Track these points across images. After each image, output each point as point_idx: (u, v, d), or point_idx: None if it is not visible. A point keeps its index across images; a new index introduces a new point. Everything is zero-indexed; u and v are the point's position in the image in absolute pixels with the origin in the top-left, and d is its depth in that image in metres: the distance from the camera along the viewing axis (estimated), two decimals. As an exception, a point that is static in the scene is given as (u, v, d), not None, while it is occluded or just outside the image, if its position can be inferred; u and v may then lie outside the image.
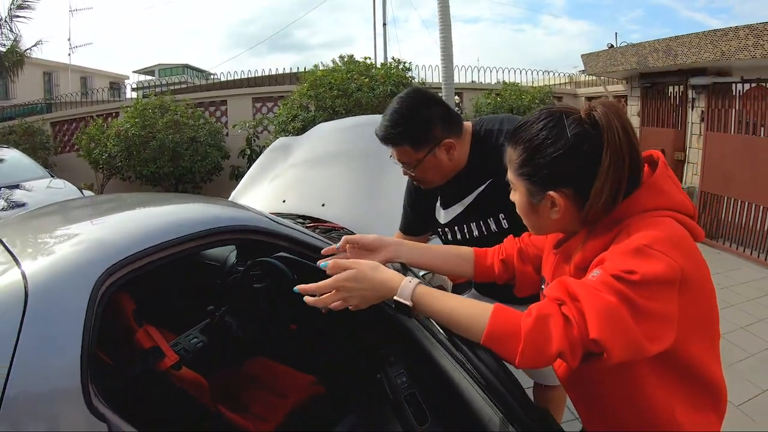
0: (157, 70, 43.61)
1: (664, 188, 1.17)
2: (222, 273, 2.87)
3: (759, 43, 6.68)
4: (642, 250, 1.03)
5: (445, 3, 10.00)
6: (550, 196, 1.18)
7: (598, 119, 1.13)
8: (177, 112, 9.37)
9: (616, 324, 0.97)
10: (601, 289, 1.00)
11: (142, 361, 1.77)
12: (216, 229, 1.85)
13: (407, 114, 1.91)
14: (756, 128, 7.51)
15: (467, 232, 2.12)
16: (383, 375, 2.01)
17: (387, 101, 8.58)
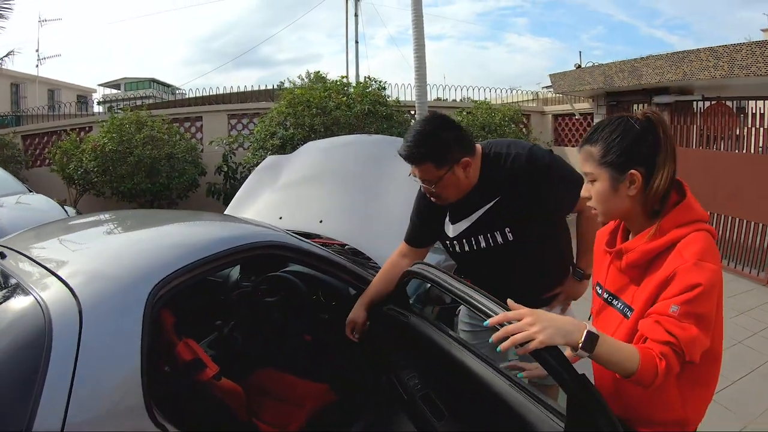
0: (123, 83, 42.60)
1: (694, 206, 1.57)
2: (226, 289, 2.97)
3: (718, 64, 7.05)
4: (699, 264, 1.42)
5: (419, 24, 10.17)
6: (631, 174, 1.53)
7: (653, 118, 1.56)
8: (154, 127, 9.32)
9: (698, 345, 1.40)
10: (685, 323, 1.39)
11: (187, 372, 1.88)
12: (249, 244, 2.00)
13: (430, 135, 2.12)
14: (716, 142, 7.94)
15: (475, 244, 2.28)
16: (395, 378, 2.14)
17: (364, 120, 8.80)
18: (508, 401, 1.70)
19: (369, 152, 3.61)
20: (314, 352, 2.72)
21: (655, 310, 1.45)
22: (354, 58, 23.12)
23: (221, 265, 1.94)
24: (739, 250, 7.58)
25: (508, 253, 2.23)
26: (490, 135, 9.94)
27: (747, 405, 3.89)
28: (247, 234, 2.13)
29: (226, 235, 2.05)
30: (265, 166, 3.84)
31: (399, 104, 10.42)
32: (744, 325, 5.57)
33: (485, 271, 2.35)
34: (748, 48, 6.80)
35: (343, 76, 10.13)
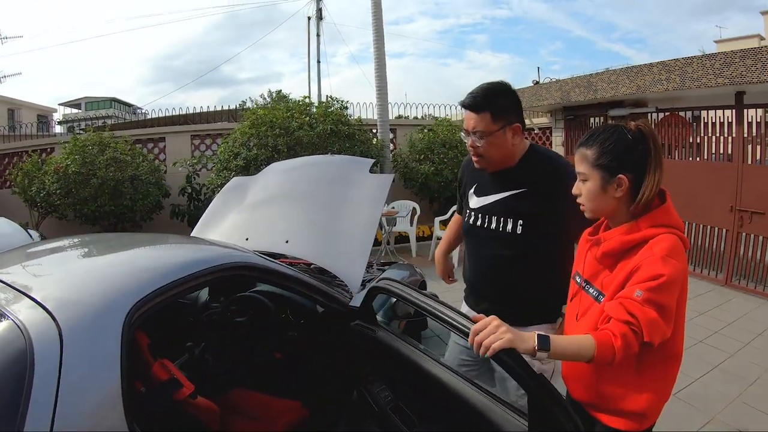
0: (84, 103, 41.95)
1: (672, 212, 1.75)
2: (195, 310, 2.97)
3: (671, 77, 7.28)
4: (665, 259, 1.58)
5: (380, 44, 10.32)
6: (620, 178, 1.72)
7: (644, 130, 1.73)
8: (117, 149, 9.16)
9: (657, 328, 1.55)
10: (646, 307, 1.54)
11: (164, 391, 1.91)
12: (220, 266, 2.02)
13: (498, 90, 2.27)
14: (670, 151, 8.21)
15: (486, 223, 2.39)
16: (365, 392, 2.20)
17: (327, 140, 8.83)
18: (474, 405, 1.82)
19: (332, 172, 3.66)
20: (285, 369, 2.76)
21: (621, 294, 1.60)
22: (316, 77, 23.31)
23: (193, 286, 1.95)
24: (698, 253, 7.89)
25: (509, 245, 2.31)
26: (450, 151, 10.07)
27: (710, 401, 4.02)
28: (216, 256, 2.15)
29: (196, 257, 2.06)
30: (230, 188, 3.85)
31: (361, 123, 10.47)
32: (705, 324, 5.77)
33: (482, 252, 2.47)
34: (698, 61, 7.04)
35: (305, 96, 10.15)
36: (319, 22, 23.33)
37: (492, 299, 2.44)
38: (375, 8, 10.33)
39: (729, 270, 7.42)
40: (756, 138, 7.13)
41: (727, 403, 4.01)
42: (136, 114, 23.08)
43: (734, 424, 3.71)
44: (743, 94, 7.15)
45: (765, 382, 4.38)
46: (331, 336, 2.60)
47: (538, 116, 12.18)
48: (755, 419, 3.78)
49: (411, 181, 10.38)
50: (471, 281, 2.59)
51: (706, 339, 5.36)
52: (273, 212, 3.42)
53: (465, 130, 2.33)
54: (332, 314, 2.54)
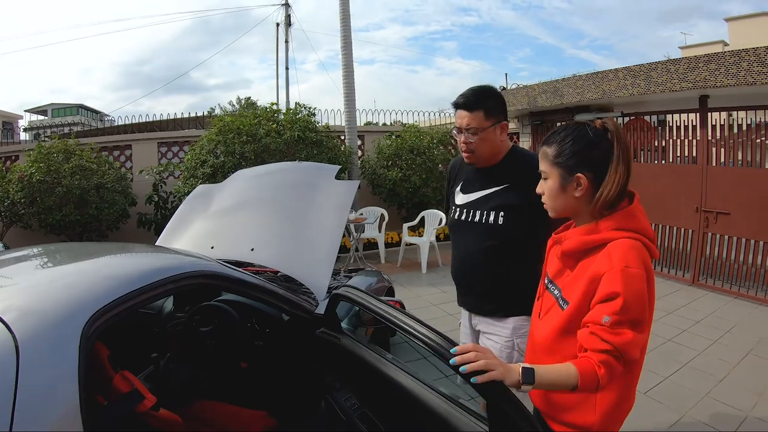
0: (50, 109, 41.47)
1: (637, 216, 1.67)
2: (160, 321, 2.92)
3: (635, 82, 7.41)
4: (624, 271, 1.52)
5: (348, 51, 10.30)
6: (578, 177, 1.67)
7: (608, 128, 1.67)
8: (82, 156, 8.93)
9: (634, 346, 1.51)
10: (617, 329, 1.49)
11: (124, 404, 1.85)
12: (181, 275, 1.97)
13: (488, 92, 2.46)
14: (636, 154, 8.34)
15: (471, 217, 2.54)
16: (332, 400, 2.18)
17: (294, 146, 8.77)
18: (437, 412, 1.80)
19: (298, 179, 3.65)
20: (251, 379, 2.73)
21: (590, 320, 1.55)
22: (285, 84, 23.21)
23: (154, 296, 1.89)
24: (665, 253, 8.01)
25: (490, 235, 2.45)
26: (418, 157, 10.09)
27: (680, 398, 4.06)
28: (178, 264, 2.09)
29: (157, 266, 2.00)
30: (195, 195, 3.80)
31: (328, 130, 10.44)
32: (673, 323, 5.86)
33: (465, 243, 2.59)
34: (663, 66, 7.18)
35: (273, 102, 10.02)
36: (288, 28, 23.24)
37: (475, 290, 2.57)
38: (343, 15, 10.34)
39: (696, 269, 7.56)
40: (720, 141, 7.26)
41: (697, 400, 4.05)
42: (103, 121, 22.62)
43: (704, 420, 3.75)
44: (707, 98, 7.29)
45: (734, 378, 4.44)
46: (296, 344, 2.58)
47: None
48: (725, 415, 3.81)
49: (379, 187, 10.40)
50: (456, 274, 2.69)
51: (675, 337, 5.42)
52: (239, 220, 3.39)
53: (457, 128, 2.49)
54: (297, 322, 2.52)
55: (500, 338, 2.44)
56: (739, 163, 7.13)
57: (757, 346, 5.17)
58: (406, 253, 9.30)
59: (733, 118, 7.29)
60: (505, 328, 2.44)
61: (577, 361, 1.52)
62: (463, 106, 2.44)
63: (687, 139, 7.72)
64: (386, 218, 9.71)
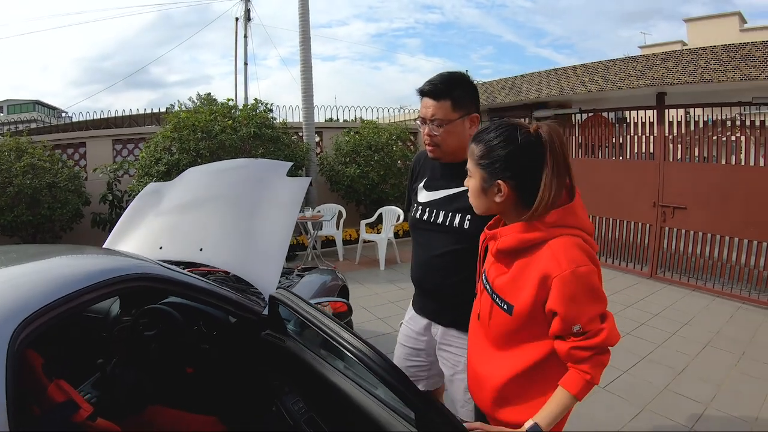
0: (6, 106, 40.54)
1: (577, 212, 1.61)
2: (106, 325, 2.80)
3: (593, 79, 7.47)
4: (575, 273, 1.48)
5: (306, 47, 10.20)
6: (498, 183, 1.59)
7: (542, 134, 1.55)
8: (34, 155, 8.56)
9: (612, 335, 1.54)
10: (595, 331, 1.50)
11: (58, 415, 1.75)
12: (117, 278, 1.86)
13: (458, 79, 2.23)
14: (594, 151, 8.42)
15: (434, 217, 2.31)
16: (280, 404, 2.12)
17: (250, 143, 8.61)
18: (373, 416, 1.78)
19: (249, 176, 3.54)
20: (199, 383, 2.63)
21: (561, 332, 1.53)
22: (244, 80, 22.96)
23: (89, 300, 1.77)
24: (622, 248, 8.13)
25: (456, 240, 2.23)
26: (376, 154, 10.01)
27: (640, 392, 4.07)
28: (115, 267, 1.98)
29: (93, 270, 1.88)
30: (145, 194, 3.65)
31: (286, 126, 10.25)
32: (631, 317, 5.91)
33: (428, 246, 2.36)
34: (621, 63, 7.25)
35: (229, 98, 9.80)
36: (247, 23, 22.91)
37: (437, 297, 2.36)
38: (302, 9, 10.22)
39: (654, 263, 7.68)
40: (677, 137, 7.37)
41: (657, 393, 4.06)
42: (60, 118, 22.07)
43: (664, 413, 3.75)
44: (664, 95, 7.40)
45: (693, 370, 4.48)
46: (244, 347, 2.49)
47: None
48: (685, 407, 3.82)
49: (337, 184, 10.29)
50: (416, 278, 2.48)
51: (634, 331, 5.46)
52: (188, 219, 3.27)
53: (422, 118, 2.26)
54: (245, 324, 2.43)
55: (463, 351, 2.19)
56: (696, 159, 7.22)
57: (715, 338, 5.24)
58: (364, 250, 9.21)
59: (690, 116, 7.39)
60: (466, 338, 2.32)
61: (565, 381, 1.53)
62: (428, 93, 2.20)
63: (645, 136, 7.81)
64: (344, 215, 9.63)
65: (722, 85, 6.33)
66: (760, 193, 6.34)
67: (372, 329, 5.62)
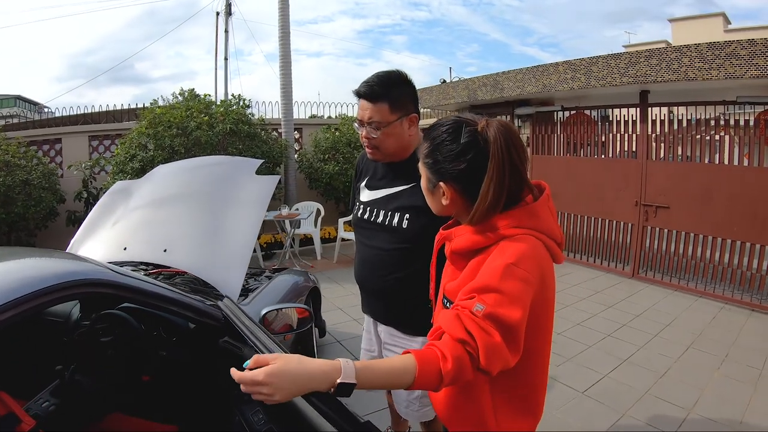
0: None
1: (540, 214, 1.43)
2: (67, 329, 2.70)
3: (575, 76, 7.40)
4: (509, 268, 1.28)
5: (285, 42, 10.11)
6: (441, 186, 1.46)
7: (487, 135, 1.39)
8: (8, 151, 8.40)
9: (498, 356, 1.22)
10: (488, 325, 1.22)
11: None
12: (63, 284, 1.73)
13: (396, 80, 2.17)
14: (576, 149, 8.37)
15: (374, 216, 2.32)
16: (239, 414, 2.02)
17: (226, 139, 8.48)
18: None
19: (218, 174, 3.46)
20: (157, 391, 2.54)
21: (459, 303, 1.30)
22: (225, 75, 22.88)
23: (32, 308, 1.65)
24: (604, 247, 8.09)
25: (395, 239, 2.24)
26: (356, 151, 9.88)
27: (620, 397, 3.97)
28: (64, 272, 1.84)
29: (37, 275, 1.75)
30: (113, 192, 3.54)
31: (263, 122, 10.16)
32: (613, 318, 5.84)
33: (369, 244, 2.38)
34: (604, 61, 7.18)
35: (206, 94, 9.67)
36: (228, 18, 22.70)
37: (377, 296, 2.39)
38: (282, 4, 10.12)
39: (636, 262, 7.64)
40: (660, 136, 7.34)
41: (638, 398, 3.96)
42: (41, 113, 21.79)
43: (645, 419, 3.65)
44: (648, 93, 7.36)
45: (675, 373, 4.39)
46: (203, 354, 2.39)
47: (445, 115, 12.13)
48: (667, 413, 3.73)
49: (316, 181, 10.20)
50: (358, 277, 2.49)
51: (615, 332, 5.38)
52: (155, 218, 3.17)
53: (359, 120, 2.22)
54: (205, 330, 2.32)
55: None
56: (678, 158, 7.18)
57: (697, 339, 5.17)
58: (342, 249, 9.08)
59: (673, 114, 7.33)
60: (413, 342, 2.25)
61: (419, 352, 1.25)
62: (365, 95, 2.15)
63: (627, 134, 7.78)
64: (322, 213, 9.53)
65: (706, 84, 6.28)
66: (743, 192, 6.31)
67: (346, 330, 5.54)
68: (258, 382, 1.15)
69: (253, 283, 3.82)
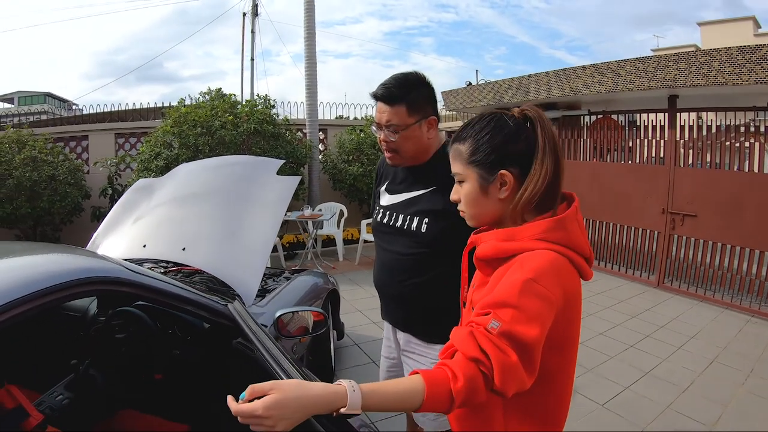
0: (17, 97, 41.24)
1: (568, 227, 1.35)
2: (84, 324, 2.72)
3: (603, 80, 7.29)
4: (528, 284, 1.20)
5: (311, 42, 10.13)
6: (501, 174, 1.38)
7: (530, 115, 1.40)
8: (35, 147, 8.58)
9: (514, 376, 1.15)
10: (504, 344, 1.16)
11: (6, 423, 1.70)
12: (77, 281, 1.73)
13: (414, 82, 2.13)
14: (602, 154, 8.24)
15: (393, 220, 2.28)
16: None
17: (250, 139, 8.54)
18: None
19: (239, 173, 3.46)
20: (170, 390, 2.55)
21: (473, 320, 1.25)
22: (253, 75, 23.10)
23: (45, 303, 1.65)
24: (629, 255, 7.95)
25: (414, 243, 2.20)
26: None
27: (641, 410, 3.89)
28: (78, 269, 1.84)
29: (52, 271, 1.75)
30: (135, 189, 3.59)
31: (288, 123, 10.24)
32: (636, 328, 5.74)
33: (388, 249, 2.34)
34: (632, 64, 7.05)
35: (231, 93, 9.78)
36: (255, 18, 22.84)
37: (396, 302, 2.34)
38: (308, 5, 10.15)
39: (661, 272, 7.50)
40: (688, 142, 7.19)
41: (659, 411, 3.88)
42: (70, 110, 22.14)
43: (666, 435, 3.56)
44: (676, 98, 7.23)
45: (698, 388, 4.30)
46: (217, 354, 2.39)
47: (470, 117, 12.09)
48: (689, 428, 3.64)
49: (340, 182, 10.22)
50: (377, 281, 2.45)
51: (638, 343, 5.29)
52: (175, 217, 3.21)
53: (377, 124, 2.18)
54: (220, 330, 2.31)
55: (425, 359, 2.21)
56: (707, 164, 7.03)
57: (722, 353, 5.04)
58: (364, 251, 9.07)
59: (702, 120, 7.19)
60: (431, 349, 2.21)
61: (428, 372, 1.19)
62: (383, 98, 2.11)
63: (655, 140, 7.64)
64: (345, 214, 9.52)
65: (736, 89, 6.13)
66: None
67: (365, 333, 5.52)
68: (257, 416, 1.10)
69: (271, 283, 3.82)
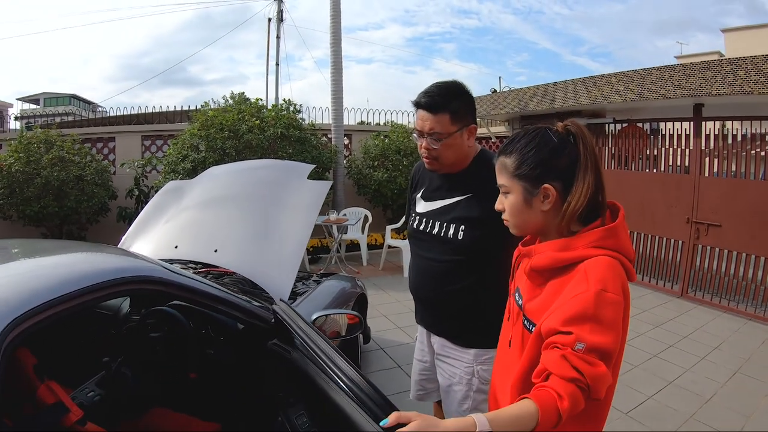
0: (43, 99, 41.73)
1: (620, 234, 1.46)
2: (116, 323, 2.77)
3: (628, 88, 7.25)
4: (600, 295, 1.30)
5: (337, 48, 10.18)
6: (545, 188, 1.47)
7: (573, 130, 1.49)
8: (63, 147, 8.70)
9: (605, 382, 1.27)
10: (591, 358, 1.26)
11: (46, 417, 1.71)
12: (116, 280, 1.79)
13: (456, 91, 2.17)
14: (627, 162, 8.18)
15: (430, 227, 2.31)
16: (284, 417, 2.06)
17: (277, 143, 8.61)
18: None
19: (269, 177, 3.50)
20: (203, 389, 2.58)
21: (560, 341, 1.32)
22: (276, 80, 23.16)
23: (87, 302, 1.70)
24: (654, 265, 7.89)
25: (450, 250, 2.22)
26: (405, 158, 9.89)
27: (664, 420, 3.89)
28: (119, 268, 1.91)
29: (93, 270, 1.81)
30: (165, 191, 3.63)
31: (314, 127, 10.24)
32: (659, 338, 5.70)
33: (424, 256, 2.38)
34: (657, 72, 7.01)
35: (258, 98, 9.83)
36: (280, 24, 23.00)
37: (432, 307, 2.39)
38: (334, 11, 10.21)
39: (685, 282, 7.43)
40: (713, 151, 7.13)
41: (682, 421, 3.88)
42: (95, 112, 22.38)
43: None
44: (702, 107, 7.18)
45: (721, 398, 4.28)
46: (250, 354, 2.43)
47: (495, 125, 12.12)
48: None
49: (364, 188, 10.22)
50: (413, 288, 2.50)
51: (661, 353, 5.27)
52: (206, 219, 3.24)
53: (418, 131, 2.21)
54: (253, 331, 2.36)
55: (460, 363, 2.24)
56: (732, 174, 6.98)
57: (745, 364, 5.01)
58: (388, 256, 9.12)
59: (727, 128, 7.13)
60: (466, 353, 2.24)
61: (535, 394, 1.27)
62: (425, 106, 2.15)
63: (680, 148, 7.58)
64: (370, 219, 9.54)
65: (763, 98, 6.08)
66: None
67: (390, 338, 5.54)
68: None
69: (301, 287, 3.86)
